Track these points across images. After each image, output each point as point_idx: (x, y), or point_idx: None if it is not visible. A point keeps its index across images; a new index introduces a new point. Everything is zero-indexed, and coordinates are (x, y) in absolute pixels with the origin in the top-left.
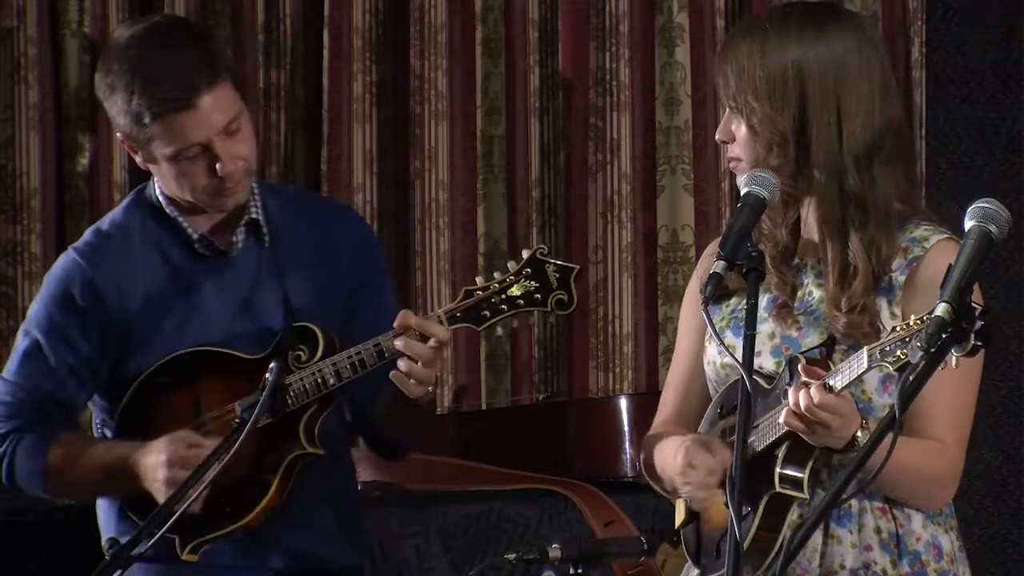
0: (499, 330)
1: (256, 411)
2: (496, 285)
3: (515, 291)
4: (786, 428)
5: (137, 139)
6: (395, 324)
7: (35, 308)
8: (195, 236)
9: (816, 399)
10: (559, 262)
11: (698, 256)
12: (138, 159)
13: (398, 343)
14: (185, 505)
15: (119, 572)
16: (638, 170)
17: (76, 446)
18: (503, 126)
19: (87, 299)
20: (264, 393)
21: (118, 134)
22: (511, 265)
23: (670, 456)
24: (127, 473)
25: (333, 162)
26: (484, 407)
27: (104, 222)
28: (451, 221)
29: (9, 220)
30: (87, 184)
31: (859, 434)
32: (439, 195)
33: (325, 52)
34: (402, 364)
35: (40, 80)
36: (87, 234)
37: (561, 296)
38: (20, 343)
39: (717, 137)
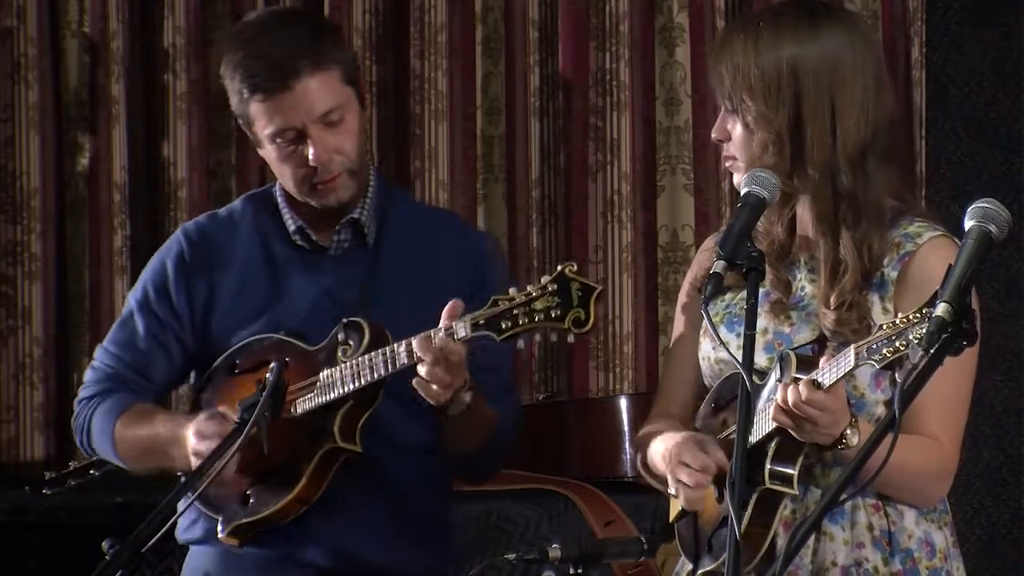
0: (520, 343)
1: (256, 412)
2: (522, 297)
3: (538, 305)
4: (775, 425)
5: (245, 120)
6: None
7: (140, 278)
8: (292, 227)
9: (804, 395)
10: (584, 280)
11: None
12: (257, 147)
13: (415, 344)
14: (186, 507)
15: (119, 572)
16: (638, 170)
17: (142, 415)
18: (503, 126)
19: (178, 277)
20: (264, 393)
21: (239, 119)
22: (543, 279)
23: (665, 452)
24: (179, 444)
25: None
26: None
27: (222, 208)
28: None
29: (9, 220)
30: (87, 184)
31: (848, 432)
32: (439, 195)
33: None
34: (420, 367)
35: (40, 80)
36: (201, 215)
37: (579, 314)
38: (123, 310)
39: (713, 136)
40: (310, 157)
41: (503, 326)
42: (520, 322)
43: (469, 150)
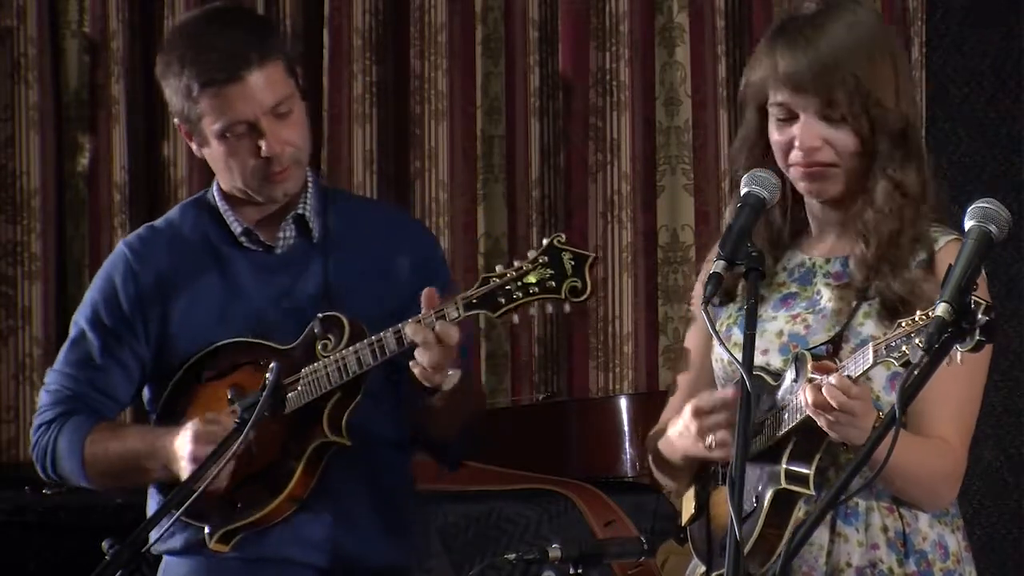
0: (515, 318)
1: (256, 411)
2: (513, 272)
3: (531, 278)
4: (791, 424)
5: (189, 118)
6: (422, 300)
7: (85, 298)
8: (239, 229)
9: (851, 391)
10: (576, 250)
11: (698, 256)
12: (194, 147)
13: (409, 329)
14: (185, 505)
15: (119, 572)
16: (638, 170)
17: (112, 434)
18: (503, 126)
19: (129, 290)
20: (264, 393)
21: (175, 120)
22: (530, 253)
23: (682, 427)
24: (157, 457)
25: (333, 162)
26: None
27: (159, 219)
28: (451, 221)
29: (9, 220)
30: (87, 184)
31: (878, 427)
32: (439, 195)
33: (325, 52)
34: (417, 351)
35: (40, 80)
36: (140, 228)
37: (575, 283)
38: (70, 333)
39: (806, 144)
40: (263, 148)
41: (499, 302)
42: (515, 296)
43: (469, 150)
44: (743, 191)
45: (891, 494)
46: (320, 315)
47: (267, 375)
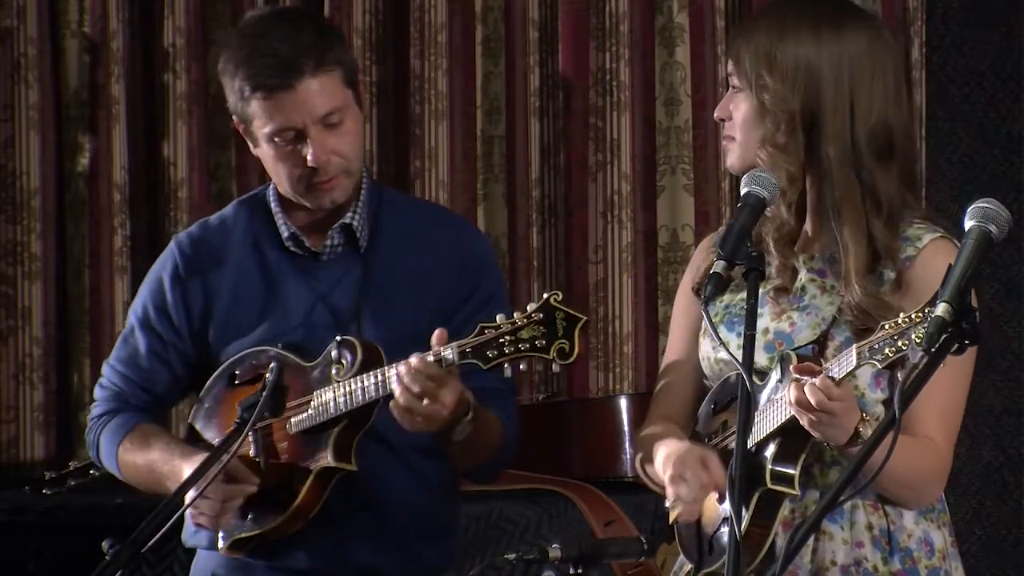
0: (508, 371)
1: (256, 412)
2: (508, 326)
3: (524, 334)
4: (777, 425)
5: (243, 118)
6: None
7: (139, 292)
8: (286, 233)
9: (832, 392)
10: (569, 311)
11: None
12: (250, 145)
13: (401, 371)
14: (183, 509)
15: (119, 572)
16: (638, 170)
17: (140, 445)
18: (503, 126)
19: (175, 289)
20: (264, 394)
21: (234, 116)
22: (529, 307)
23: (666, 461)
24: (174, 479)
25: None
26: None
27: (213, 215)
28: None
29: (9, 220)
30: (87, 184)
31: (860, 428)
32: (439, 195)
33: None
34: (401, 395)
35: (40, 80)
36: (193, 225)
37: (563, 345)
38: (125, 325)
39: (716, 115)
40: (309, 158)
41: (489, 355)
42: (506, 351)
43: (469, 150)
44: (743, 191)
45: (876, 492)
46: (338, 337)
47: (267, 375)
